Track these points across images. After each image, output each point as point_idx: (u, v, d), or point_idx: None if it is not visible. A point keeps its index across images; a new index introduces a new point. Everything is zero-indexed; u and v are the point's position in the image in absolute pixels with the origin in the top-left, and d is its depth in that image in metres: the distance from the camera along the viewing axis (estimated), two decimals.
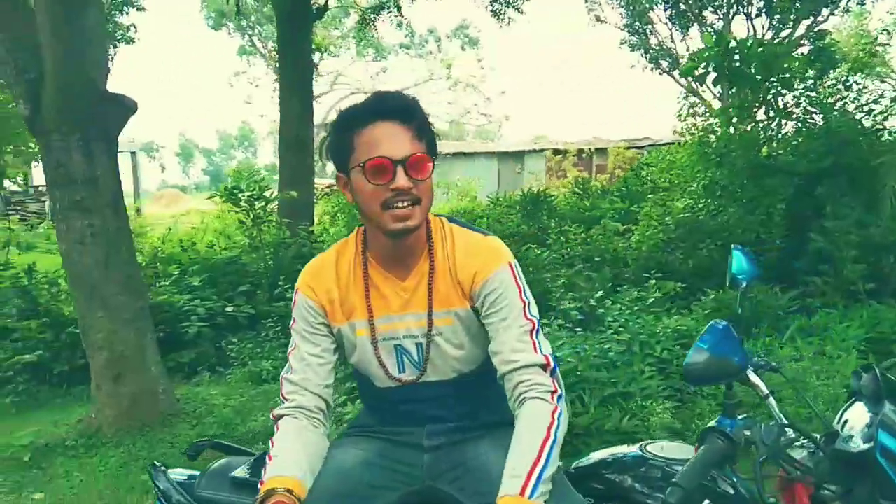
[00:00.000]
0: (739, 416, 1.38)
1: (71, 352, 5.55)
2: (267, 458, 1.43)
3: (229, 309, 6.30)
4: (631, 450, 1.60)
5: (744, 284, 1.70)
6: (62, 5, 3.78)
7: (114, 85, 4.49)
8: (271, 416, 1.54)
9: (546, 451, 1.34)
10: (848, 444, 1.36)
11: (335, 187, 8.86)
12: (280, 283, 6.32)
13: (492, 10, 10.36)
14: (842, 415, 1.48)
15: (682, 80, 18.14)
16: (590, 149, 20.76)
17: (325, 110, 42.87)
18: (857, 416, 1.43)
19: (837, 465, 1.34)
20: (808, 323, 4.58)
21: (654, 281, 4.70)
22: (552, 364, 1.46)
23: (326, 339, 1.57)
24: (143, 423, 4.51)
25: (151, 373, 4.63)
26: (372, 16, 11.10)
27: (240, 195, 6.81)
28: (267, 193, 6.92)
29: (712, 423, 1.34)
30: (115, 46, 19.52)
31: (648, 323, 4.06)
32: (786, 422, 1.39)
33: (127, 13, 19.64)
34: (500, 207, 8.09)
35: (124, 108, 4.52)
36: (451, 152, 24.57)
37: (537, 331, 1.49)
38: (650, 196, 7.25)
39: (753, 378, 1.55)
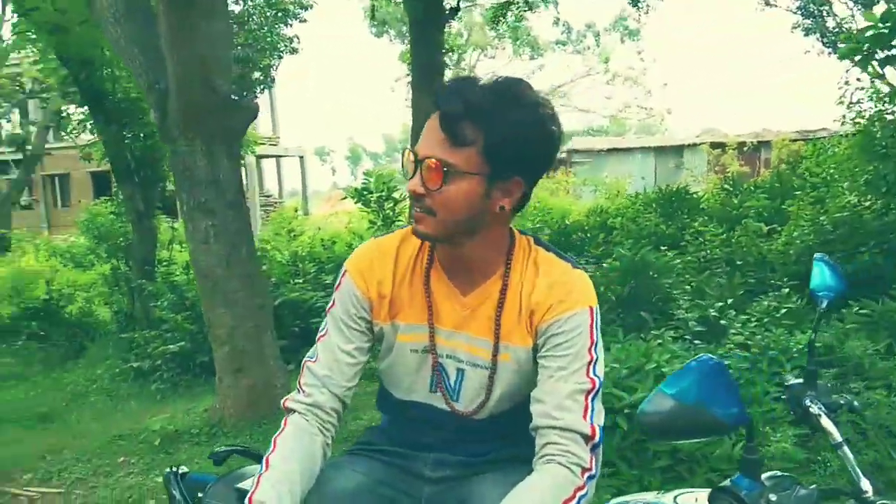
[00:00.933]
0: (765, 475, 1.08)
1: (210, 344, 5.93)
2: (264, 460, 1.28)
3: None
4: (658, 499, 1.33)
5: (825, 303, 1.39)
6: (180, 17, 3.99)
7: (280, 94, 4.69)
8: (283, 405, 1.40)
9: None
10: None
11: None
12: None
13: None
14: None
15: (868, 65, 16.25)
16: (752, 142, 19.16)
17: None
18: None
19: None
20: None
21: (787, 290, 4.14)
22: (597, 438, 1.23)
23: (363, 337, 1.40)
24: (260, 416, 4.69)
25: (270, 367, 4.80)
26: (524, 11, 10.89)
27: (369, 196, 6.94)
28: (396, 195, 6.98)
29: (725, 483, 1.05)
30: (279, 57, 20.94)
31: (779, 337, 3.57)
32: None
33: (290, 25, 21.01)
34: (636, 206, 7.63)
35: (246, 112, 4.73)
36: (605, 148, 23.85)
37: (596, 394, 1.26)
38: (797, 193, 6.47)
39: (825, 421, 1.25)
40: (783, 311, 3.85)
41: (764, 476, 1.04)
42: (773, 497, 1.00)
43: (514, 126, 1.21)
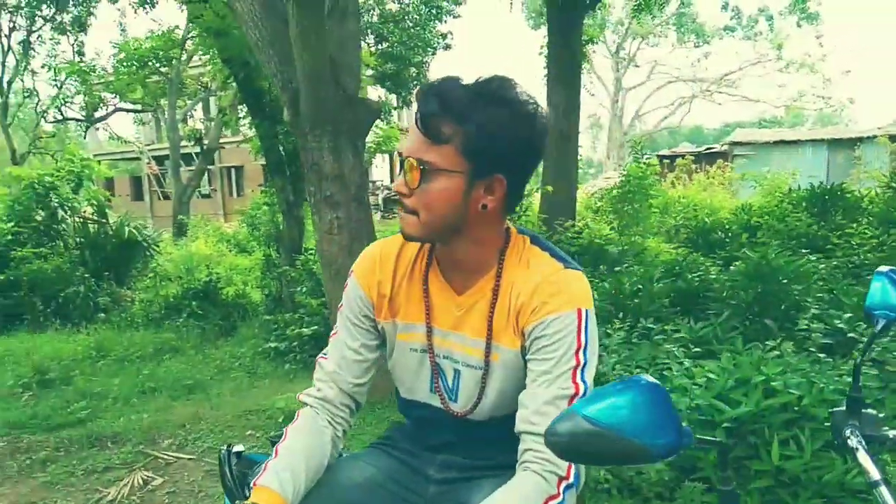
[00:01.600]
0: None
1: None
2: (275, 448, 1.37)
3: None
4: None
5: (881, 324, 1.23)
6: (309, 20, 4.21)
7: None
8: (297, 399, 1.49)
9: None
10: None
11: (610, 186, 8.59)
12: None
13: None
14: None
15: None
16: None
17: (639, 102, 42.09)
18: None
19: None
20: None
21: None
22: None
23: (368, 335, 1.45)
24: (374, 400, 4.88)
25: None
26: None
27: None
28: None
29: None
30: (433, 53, 21.44)
31: None
32: None
33: (444, 21, 21.44)
34: (784, 205, 7.04)
35: (371, 111, 4.92)
36: (770, 141, 22.21)
37: (580, 396, 1.24)
38: None
39: (861, 456, 1.12)
40: None
41: None
42: None
43: (493, 123, 1.21)
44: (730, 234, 6.64)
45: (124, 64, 14.97)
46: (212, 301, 8.25)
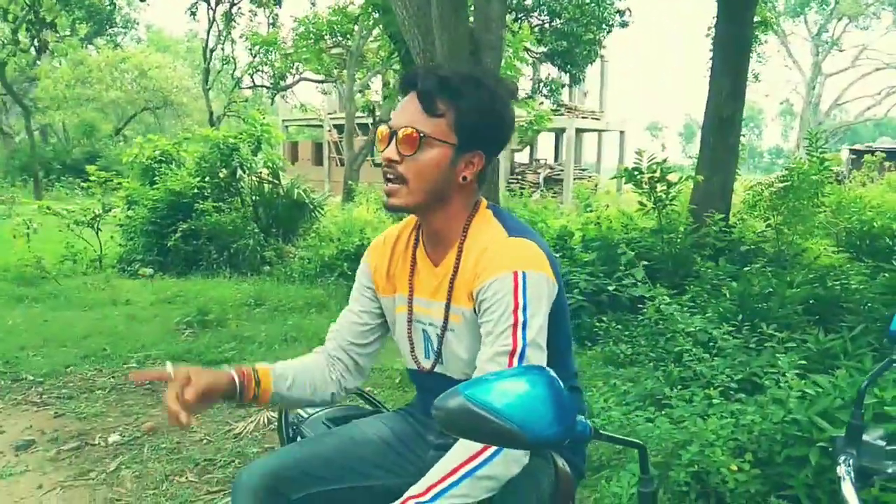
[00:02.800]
0: None
1: None
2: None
3: (611, 287, 6.35)
4: None
5: None
6: (450, 2, 4.34)
7: (613, 68, 4.92)
8: None
9: (458, 475, 1.23)
10: None
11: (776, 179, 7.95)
12: (675, 269, 6.09)
13: None
14: None
15: None
16: None
17: (839, 89, 38.12)
18: None
19: None
20: None
21: None
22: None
23: (369, 303, 1.63)
24: None
25: None
26: None
27: (640, 177, 6.72)
28: (670, 177, 6.66)
29: None
30: (608, 30, 20.84)
31: None
32: None
33: None
34: None
35: (508, 90, 4.96)
36: None
37: (521, 356, 1.30)
38: None
39: (846, 488, 1.06)
40: None
41: None
42: None
43: (480, 103, 1.39)
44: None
45: (303, 37, 16.02)
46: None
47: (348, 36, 17.04)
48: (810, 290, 4.19)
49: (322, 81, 23.49)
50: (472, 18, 5.04)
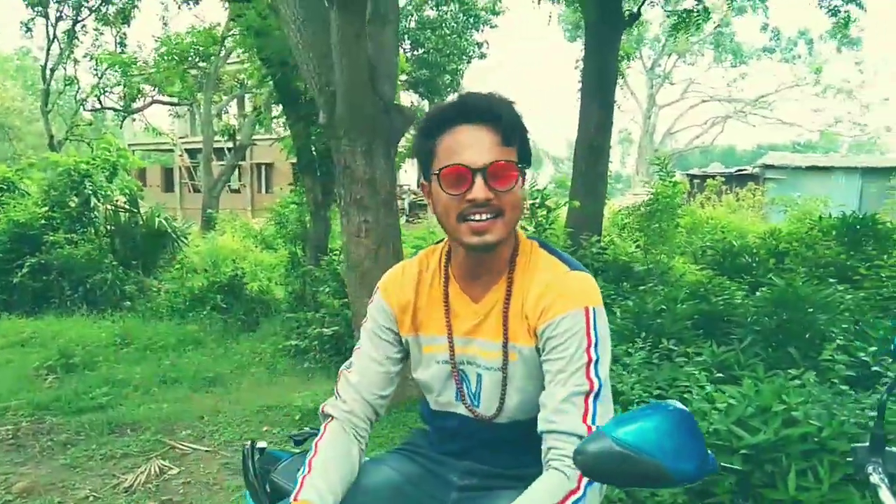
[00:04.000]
0: None
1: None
2: (307, 463, 1.40)
3: None
4: None
5: None
6: (351, 26, 4.27)
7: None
8: (321, 411, 1.54)
9: None
10: None
11: (638, 202, 8.58)
12: None
13: (827, 9, 8.92)
14: None
15: None
16: None
17: (671, 119, 41.78)
18: None
19: None
20: None
21: None
22: None
23: (391, 347, 1.52)
24: (395, 402, 4.91)
25: None
26: (704, 21, 10.38)
27: None
28: (549, 203, 6.95)
29: None
30: (468, 61, 21.54)
31: None
32: None
33: (481, 30, 21.54)
34: (814, 232, 6.95)
35: (405, 118, 4.96)
36: (803, 166, 21.93)
37: (597, 396, 1.27)
38: None
39: (884, 494, 1.12)
40: None
41: None
42: None
43: (524, 126, 1.37)
44: (757, 259, 6.58)
45: (165, 58, 15.24)
46: (236, 295, 8.35)
47: (211, 58, 16.38)
48: (695, 306, 4.50)
49: (175, 104, 22.37)
50: None
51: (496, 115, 1.32)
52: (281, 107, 9.45)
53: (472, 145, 1.31)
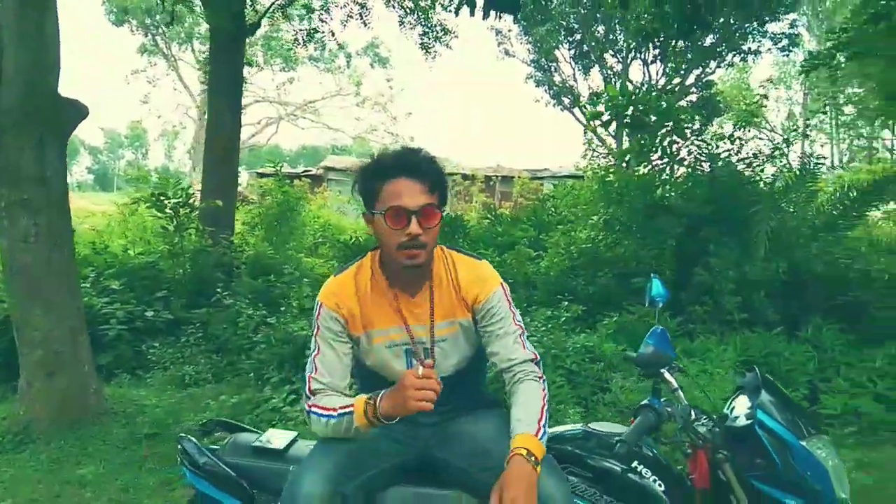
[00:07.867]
0: (662, 399, 1.89)
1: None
2: (335, 406, 1.80)
3: (149, 313, 6.33)
4: (577, 427, 2.07)
5: (660, 305, 2.22)
6: (32, 10, 3.91)
7: None
8: (307, 407, 1.87)
9: (545, 411, 1.79)
10: (735, 422, 1.89)
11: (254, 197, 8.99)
12: (200, 289, 6.43)
13: (420, 44, 10.82)
14: (730, 403, 2.02)
15: (582, 118, 19.41)
16: (496, 176, 21.72)
17: None
18: (741, 404, 1.97)
19: (728, 436, 1.86)
20: (690, 345, 5.26)
21: (566, 303, 5.27)
22: (538, 357, 1.93)
23: (347, 346, 1.92)
24: (73, 421, 4.58)
25: (84, 371, 4.71)
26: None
27: (165, 201, 6.89)
28: (192, 201, 7.02)
29: (645, 401, 1.85)
30: None
31: (560, 339, 4.58)
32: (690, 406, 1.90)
33: None
34: None
35: (77, 112, 4.64)
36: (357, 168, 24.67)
37: (524, 334, 1.94)
38: (559, 227, 7.90)
39: (668, 376, 2.06)
40: (562, 319, 4.92)
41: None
42: (669, 410, 1.81)
43: (443, 174, 1.89)
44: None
45: None
46: None
47: None
48: None
49: None
50: None
51: (425, 170, 1.81)
52: None
53: (409, 193, 1.78)
